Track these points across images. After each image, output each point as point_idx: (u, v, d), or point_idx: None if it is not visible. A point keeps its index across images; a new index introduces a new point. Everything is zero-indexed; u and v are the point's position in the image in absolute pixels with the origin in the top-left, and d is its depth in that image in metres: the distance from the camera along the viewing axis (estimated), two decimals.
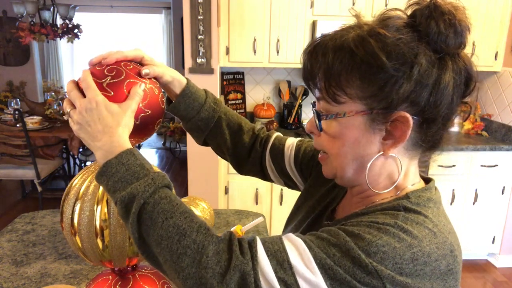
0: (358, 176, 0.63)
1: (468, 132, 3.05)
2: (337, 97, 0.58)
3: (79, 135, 0.63)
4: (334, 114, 0.59)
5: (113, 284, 0.73)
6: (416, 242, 0.53)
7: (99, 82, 0.62)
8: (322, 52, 0.59)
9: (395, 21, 0.57)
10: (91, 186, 0.66)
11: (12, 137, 3.25)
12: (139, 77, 0.66)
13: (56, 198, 3.98)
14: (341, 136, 0.60)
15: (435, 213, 0.60)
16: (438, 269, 0.54)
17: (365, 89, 0.56)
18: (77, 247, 0.68)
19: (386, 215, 0.57)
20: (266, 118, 3.04)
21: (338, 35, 0.59)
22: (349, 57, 0.56)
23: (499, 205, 2.84)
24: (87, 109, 0.61)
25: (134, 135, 0.66)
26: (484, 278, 2.86)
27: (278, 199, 2.70)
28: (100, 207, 0.65)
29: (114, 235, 0.65)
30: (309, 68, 0.61)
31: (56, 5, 3.92)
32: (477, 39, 2.81)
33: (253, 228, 1.43)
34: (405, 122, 0.56)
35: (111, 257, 0.67)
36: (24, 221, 1.48)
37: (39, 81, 5.48)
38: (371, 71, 0.55)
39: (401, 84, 0.54)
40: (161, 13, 6.68)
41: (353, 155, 0.61)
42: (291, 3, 2.66)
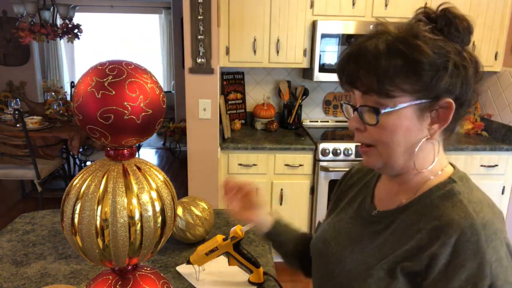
0: (406, 162, 0.71)
1: (468, 132, 3.05)
2: (390, 92, 0.66)
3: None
4: (390, 107, 0.67)
5: (113, 284, 0.73)
6: (495, 227, 0.63)
7: (100, 81, 0.63)
8: (373, 56, 0.66)
9: (424, 26, 0.67)
10: (92, 186, 0.66)
11: (12, 137, 3.25)
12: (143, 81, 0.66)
13: (56, 198, 3.98)
14: (394, 126, 0.68)
15: (475, 185, 0.72)
16: (504, 231, 0.65)
17: (415, 84, 0.65)
18: (78, 246, 0.68)
19: (449, 202, 0.67)
20: (266, 118, 3.04)
21: (379, 40, 0.67)
22: (402, 59, 0.64)
23: (499, 205, 2.84)
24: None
25: (135, 135, 0.66)
26: None
27: (278, 199, 2.70)
28: (101, 206, 0.65)
29: (115, 234, 0.65)
30: (353, 72, 0.68)
31: (56, 5, 3.92)
32: (477, 39, 2.81)
33: (253, 228, 1.43)
34: (449, 107, 0.67)
35: (111, 257, 0.67)
36: (24, 221, 1.48)
37: (39, 81, 5.47)
38: (421, 68, 0.64)
39: (443, 77, 0.65)
40: (161, 13, 6.68)
41: (405, 143, 0.69)
42: (291, 3, 2.66)
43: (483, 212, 0.64)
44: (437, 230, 0.65)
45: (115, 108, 0.63)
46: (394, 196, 0.77)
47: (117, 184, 0.66)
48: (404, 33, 0.66)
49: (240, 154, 2.63)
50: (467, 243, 0.62)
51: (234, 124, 3.00)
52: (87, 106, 0.63)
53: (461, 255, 0.62)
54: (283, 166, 2.66)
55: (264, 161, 2.65)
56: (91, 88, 0.63)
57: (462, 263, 0.62)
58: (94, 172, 0.68)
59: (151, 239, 0.68)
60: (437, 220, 0.66)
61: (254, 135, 2.88)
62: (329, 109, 3.26)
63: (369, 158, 0.73)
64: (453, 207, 0.66)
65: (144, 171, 0.70)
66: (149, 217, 0.67)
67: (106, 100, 0.62)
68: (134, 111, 0.64)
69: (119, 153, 0.69)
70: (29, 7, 3.67)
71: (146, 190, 0.67)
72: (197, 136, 2.49)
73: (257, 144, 2.62)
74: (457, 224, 0.63)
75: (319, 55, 2.69)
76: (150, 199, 0.67)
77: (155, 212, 0.67)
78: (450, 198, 0.68)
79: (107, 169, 0.68)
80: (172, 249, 1.29)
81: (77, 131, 3.51)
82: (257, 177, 2.67)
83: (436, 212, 0.67)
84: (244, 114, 3.16)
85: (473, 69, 0.68)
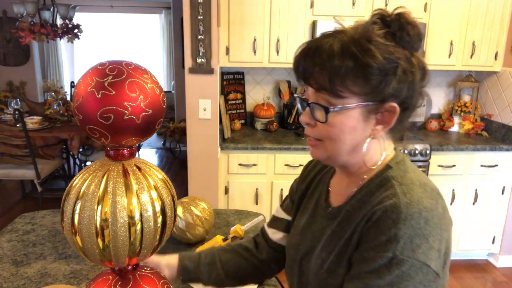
0: (350, 157, 0.76)
1: (468, 132, 3.05)
2: (340, 93, 0.69)
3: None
4: (339, 107, 0.70)
5: (113, 284, 0.73)
6: (421, 206, 0.65)
7: (100, 81, 0.62)
8: (327, 55, 0.68)
9: (378, 30, 0.70)
10: (92, 186, 0.66)
11: (12, 137, 3.25)
12: (141, 77, 0.66)
13: (56, 198, 3.98)
14: (341, 125, 0.71)
15: (412, 167, 0.76)
16: (439, 215, 0.67)
17: (364, 87, 0.68)
18: (78, 246, 0.68)
19: (384, 188, 0.71)
20: (266, 118, 3.04)
21: (335, 40, 0.69)
22: (353, 61, 0.67)
23: (499, 205, 2.84)
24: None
25: (135, 135, 0.66)
26: (484, 278, 2.86)
27: (278, 199, 2.70)
28: (101, 206, 0.65)
29: (115, 234, 0.65)
30: (308, 68, 0.71)
31: (56, 5, 3.92)
32: (477, 39, 2.81)
33: (253, 227, 1.43)
34: (394, 111, 0.71)
35: (111, 257, 0.67)
36: (24, 221, 1.48)
37: (39, 81, 5.47)
38: (370, 72, 0.67)
39: (390, 82, 0.68)
40: (161, 13, 6.68)
41: (350, 141, 0.73)
42: (291, 3, 2.66)
43: (411, 193, 0.68)
44: (368, 212, 0.70)
45: (115, 108, 0.62)
46: (345, 190, 0.81)
47: (117, 184, 0.66)
48: (359, 35, 0.68)
49: (240, 154, 2.63)
50: (386, 219, 0.66)
51: (234, 124, 3.00)
52: (87, 106, 0.63)
53: (379, 229, 0.66)
54: (283, 166, 2.66)
55: (264, 161, 2.65)
56: (91, 88, 0.63)
57: (376, 235, 0.66)
58: (94, 172, 0.68)
59: (151, 239, 0.69)
60: (372, 206, 0.70)
61: (254, 135, 2.88)
62: None
63: (315, 150, 0.78)
64: (386, 191, 0.70)
65: (144, 171, 0.70)
66: (149, 217, 0.67)
67: (106, 100, 0.62)
68: (134, 111, 0.64)
69: (119, 153, 0.69)
70: (29, 7, 3.67)
71: (146, 190, 0.67)
72: (197, 136, 2.49)
73: (257, 144, 2.62)
74: (383, 205, 0.67)
75: None
76: (150, 199, 0.67)
77: (155, 212, 0.67)
78: (385, 184, 0.72)
79: (107, 169, 0.68)
80: (172, 249, 1.29)
81: (77, 131, 3.51)
82: (257, 177, 2.67)
83: (373, 198, 0.71)
84: (244, 114, 3.16)
85: (420, 74, 0.71)
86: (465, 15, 2.76)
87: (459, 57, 2.84)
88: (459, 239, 2.89)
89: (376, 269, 0.65)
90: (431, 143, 2.73)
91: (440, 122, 3.19)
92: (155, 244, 0.71)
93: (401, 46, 0.70)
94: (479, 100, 3.16)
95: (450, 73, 3.22)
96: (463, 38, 2.80)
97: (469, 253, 3.02)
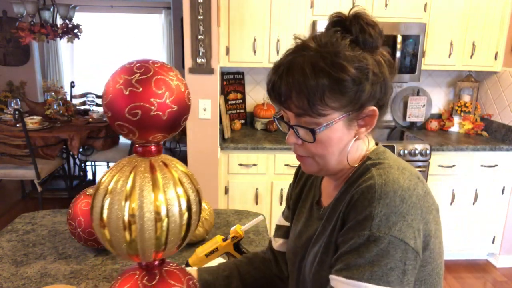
0: (339, 163, 0.77)
1: (468, 132, 3.05)
2: (321, 111, 0.70)
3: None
4: (324, 125, 0.71)
5: (140, 279, 0.74)
6: (396, 185, 0.67)
7: (128, 79, 0.65)
8: (301, 77, 0.69)
9: (342, 40, 0.71)
10: (120, 182, 0.68)
11: (12, 137, 3.25)
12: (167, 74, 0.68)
13: (56, 198, 3.97)
14: (328, 140, 0.73)
15: (392, 157, 0.77)
16: (418, 195, 0.68)
17: (342, 100, 0.70)
18: (106, 239, 0.70)
19: (363, 177, 0.72)
20: (266, 118, 3.04)
21: (303, 58, 0.69)
22: (328, 78, 0.68)
23: (499, 205, 2.84)
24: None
25: (161, 131, 0.68)
26: (484, 278, 2.86)
27: (278, 199, 2.70)
28: (129, 202, 0.66)
29: (141, 229, 0.67)
30: (285, 93, 0.71)
31: (56, 5, 3.92)
32: (477, 39, 2.81)
33: (253, 227, 1.43)
34: (373, 114, 0.74)
35: (137, 251, 0.69)
36: (24, 221, 1.48)
37: (39, 81, 5.47)
38: (345, 85, 0.69)
39: (364, 89, 0.70)
40: (161, 13, 6.67)
41: (337, 151, 0.75)
42: (291, 3, 2.66)
43: (387, 174, 0.69)
44: (349, 198, 0.71)
45: (142, 104, 0.65)
46: (333, 189, 0.83)
47: (144, 180, 0.67)
48: (325, 51, 0.69)
49: (240, 154, 2.63)
50: (363, 200, 0.67)
51: (234, 124, 3.00)
52: (115, 103, 0.65)
53: (356, 210, 0.68)
54: (283, 166, 2.66)
55: (264, 161, 2.65)
56: (119, 86, 0.65)
57: (354, 216, 0.68)
58: (122, 168, 0.70)
59: (177, 234, 0.70)
60: (351, 192, 0.71)
61: (254, 135, 2.88)
62: None
63: (306, 166, 0.80)
64: (364, 178, 0.72)
65: (170, 167, 0.71)
66: (175, 212, 0.68)
67: (133, 96, 0.65)
68: (160, 107, 0.66)
69: (147, 150, 0.71)
70: (29, 7, 3.67)
71: (172, 186, 0.69)
72: (197, 136, 2.49)
73: (257, 144, 2.62)
74: (360, 188, 0.69)
75: None
76: (176, 194, 0.69)
77: (181, 207, 0.69)
78: (364, 173, 0.74)
79: (135, 165, 0.70)
80: None
81: (77, 131, 3.51)
82: (257, 177, 2.67)
83: (353, 187, 0.72)
84: (244, 114, 3.16)
85: (389, 69, 0.73)
86: (465, 15, 2.76)
87: (459, 57, 2.84)
88: (459, 239, 2.89)
89: (355, 248, 0.66)
90: (431, 143, 2.73)
91: (440, 122, 3.19)
92: (180, 239, 0.72)
93: (366, 49, 0.71)
94: (479, 100, 3.16)
95: (450, 73, 3.22)
96: (463, 38, 2.80)
97: (469, 253, 3.02)
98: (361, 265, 0.65)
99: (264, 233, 1.43)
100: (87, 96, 4.69)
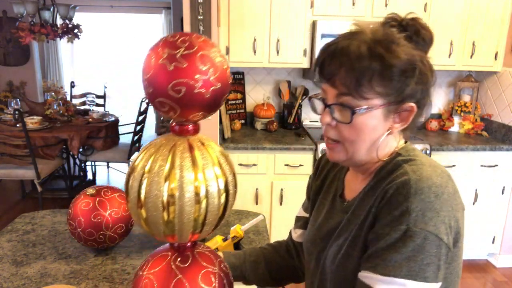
0: (368, 155, 0.77)
1: (468, 132, 3.05)
2: (364, 94, 0.70)
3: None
4: (364, 108, 0.71)
5: (172, 260, 0.72)
6: (430, 182, 0.67)
7: (172, 53, 0.62)
8: (355, 56, 0.69)
9: (398, 33, 0.73)
10: (158, 162, 0.66)
11: (12, 137, 3.25)
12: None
13: (56, 198, 3.97)
14: (363, 126, 0.73)
15: (422, 154, 0.78)
16: (449, 193, 0.69)
17: (387, 87, 0.71)
18: (142, 218, 0.68)
19: (395, 172, 0.73)
20: (266, 118, 3.04)
21: (360, 42, 0.71)
22: (380, 62, 0.69)
23: (499, 205, 2.84)
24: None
25: (203, 109, 0.66)
26: (484, 278, 2.86)
27: (278, 199, 2.70)
28: (168, 183, 0.64)
29: (181, 210, 0.65)
30: (334, 69, 0.72)
31: (56, 5, 3.92)
32: (477, 39, 2.81)
33: (253, 227, 1.43)
34: (411, 110, 0.74)
35: (174, 232, 0.67)
36: (24, 221, 1.48)
37: (39, 81, 5.47)
38: (394, 72, 0.69)
39: (410, 83, 0.71)
40: (161, 13, 6.68)
41: (369, 140, 0.75)
42: (291, 3, 2.66)
43: (420, 170, 0.70)
44: (380, 193, 0.72)
45: (186, 81, 0.62)
46: (359, 183, 0.83)
47: (183, 160, 0.66)
48: (382, 37, 0.71)
49: (240, 154, 2.63)
50: (398, 195, 0.68)
51: (234, 124, 3.00)
52: (158, 79, 0.63)
53: (391, 205, 0.68)
54: (283, 166, 2.66)
55: (264, 161, 2.65)
56: (162, 60, 0.62)
57: (389, 211, 0.68)
58: (160, 148, 0.68)
59: (215, 215, 0.68)
60: (383, 187, 0.72)
61: (254, 135, 2.88)
62: None
63: (334, 153, 0.79)
64: (395, 173, 0.73)
65: (207, 147, 0.70)
66: (213, 193, 0.67)
67: (178, 72, 0.62)
68: (204, 84, 0.63)
69: (184, 129, 0.69)
70: (29, 7, 3.67)
71: (211, 165, 0.67)
72: None
73: (257, 144, 2.62)
74: (394, 183, 0.70)
75: None
76: (214, 175, 0.67)
77: (219, 188, 0.67)
78: (396, 169, 0.74)
79: (173, 144, 0.68)
80: None
81: (77, 131, 3.51)
82: (257, 177, 2.67)
83: (384, 183, 0.73)
84: (244, 114, 3.16)
85: (430, 76, 0.74)
86: (465, 15, 2.76)
87: (459, 57, 2.84)
88: None
89: (392, 243, 0.66)
90: (431, 143, 2.73)
91: (440, 122, 3.19)
92: (217, 221, 0.70)
93: (417, 49, 0.73)
94: (479, 100, 3.16)
95: (450, 73, 3.22)
96: (463, 38, 2.80)
97: (469, 253, 3.02)
98: (397, 261, 0.65)
99: (264, 233, 1.43)
100: (87, 96, 4.68)
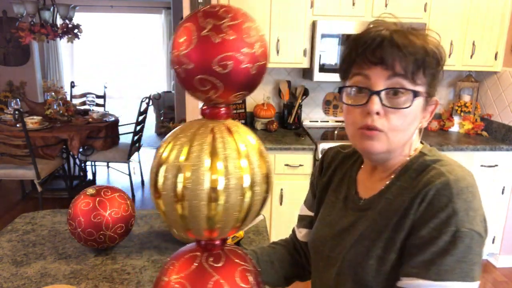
0: (402, 147, 0.76)
1: (468, 132, 3.05)
2: (418, 80, 0.71)
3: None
4: (419, 94, 0.72)
5: (204, 260, 0.65)
6: (466, 182, 0.68)
7: (217, 24, 0.56)
8: (418, 37, 0.71)
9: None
10: (194, 151, 0.58)
11: (12, 137, 3.25)
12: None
13: (56, 198, 3.97)
14: (413, 114, 0.72)
15: (443, 154, 0.78)
16: (478, 192, 0.70)
17: (430, 76, 0.72)
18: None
19: (424, 172, 0.72)
20: (266, 118, 3.04)
21: (418, 32, 0.73)
22: (436, 51, 0.72)
23: (499, 205, 2.84)
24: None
25: (246, 87, 0.60)
26: (484, 278, 2.85)
27: (278, 199, 2.70)
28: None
29: (226, 203, 0.58)
30: (395, 47, 0.69)
31: (56, 5, 3.92)
32: (477, 39, 2.81)
33: (253, 227, 1.43)
34: (436, 104, 0.77)
35: (215, 227, 0.61)
36: (24, 221, 1.48)
37: (39, 81, 5.48)
38: (440, 65, 0.72)
39: (439, 74, 0.74)
40: (161, 13, 6.68)
41: (411, 131, 0.75)
42: (291, 3, 2.66)
43: (454, 171, 0.70)
44: (417, 195, 0.70)
45: (233, 54, 0.56)
46: (377, 181, 0.81)
47: (225, 147, 0.59)
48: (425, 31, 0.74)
49: None
50: (441, 196, 0.67)
51: None
52: (201, 52, 0.56)
53: (435, 207, 0.68)
54: (283, 166, 2.66)
55: None
56: (206, 32, 0.55)
57: (435, 214, 0.67)
58: (195, 136, 0.60)
59: (258, 206, 0.63)
60: (417, 188, 0.71)
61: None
62: (329, 109, 3.26)
63: (374, 142, 0.73)
64: (428, 174, 0.72)
65: (241, 132, 0.63)
66: (258, 182, 0.60)
67: (225, 45, 0.55)
68: (251, 59, 0.57)
69: (218, 112, 0.63)
70: (29, 7, 3.67)
71: (253, 152, 0.62)
72: None
73: None
74: (433, 184, 0.69)
75: (319, 55, 2.69)
76: (258, 162, 0.61)
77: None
78: (425, 168, 0.74)
79: (211, 128, 0.61)
80: (172, 249, 1.29)
81: (77, 131, 3.51)
82: None
83: (415, 183, 0.73)
84: (244, 114, 3.16)
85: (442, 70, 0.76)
86: (465, 15, 2.76)
87: (459, 57, 2.84)
88: None
89: (443, 247, 0.66)
90: (431, 143, 2.72)
91: (440, 122, 3.19)
92: (257, 213, 0.64)
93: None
94: (479, 100, 3.16)
95: (450, 73, 3.23)
96: (463, 38, 2.80)
97: None
98: (449, 264, 0.65)
99: (264, 233, 1.43)
100: (87, 96, 4.69)
